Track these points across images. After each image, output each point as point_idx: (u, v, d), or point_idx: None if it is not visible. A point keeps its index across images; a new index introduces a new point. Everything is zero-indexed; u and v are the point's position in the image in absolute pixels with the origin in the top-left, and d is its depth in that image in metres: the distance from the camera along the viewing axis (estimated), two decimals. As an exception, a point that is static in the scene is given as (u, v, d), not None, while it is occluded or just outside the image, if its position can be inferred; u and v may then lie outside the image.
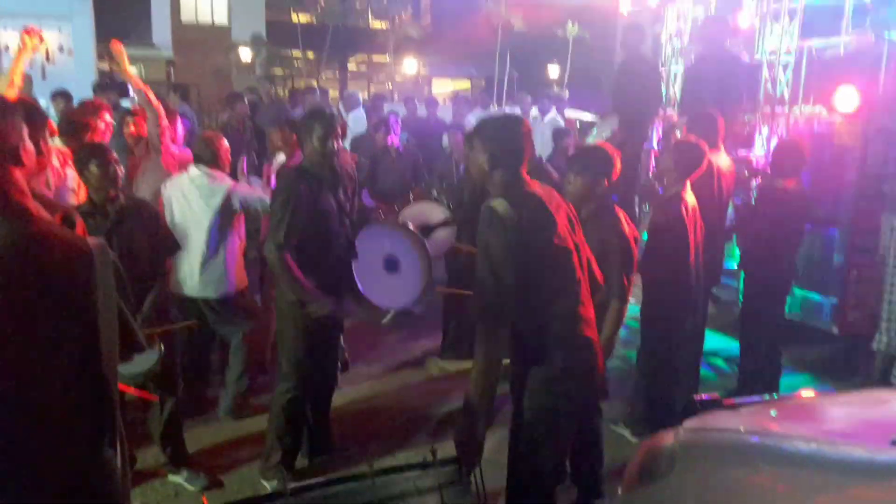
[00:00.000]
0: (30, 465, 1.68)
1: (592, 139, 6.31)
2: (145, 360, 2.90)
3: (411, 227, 4.09)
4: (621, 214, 3.39)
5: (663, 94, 7.27)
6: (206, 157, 4.06)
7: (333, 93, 17.63)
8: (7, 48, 13.37)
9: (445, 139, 9.36)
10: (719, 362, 5.50)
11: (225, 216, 4.02)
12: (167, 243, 3.53)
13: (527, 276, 2.26)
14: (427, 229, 4.91)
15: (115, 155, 3.34)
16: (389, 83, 24.19)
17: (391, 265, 3.97)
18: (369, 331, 5.53)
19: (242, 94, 8.09)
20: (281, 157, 4.88)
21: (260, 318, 4.49)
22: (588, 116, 12.67)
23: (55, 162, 3.76)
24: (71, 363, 1.70)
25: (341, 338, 4.26)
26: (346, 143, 6.91)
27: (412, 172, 6.73)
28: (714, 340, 5.41)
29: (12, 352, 1.63)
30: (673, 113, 7.24)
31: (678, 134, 5.94)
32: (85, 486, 1.76)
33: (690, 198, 3.92)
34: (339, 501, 2.11)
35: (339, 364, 4.57)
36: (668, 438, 2.20)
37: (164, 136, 4.45)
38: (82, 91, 8.20)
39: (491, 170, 2.40)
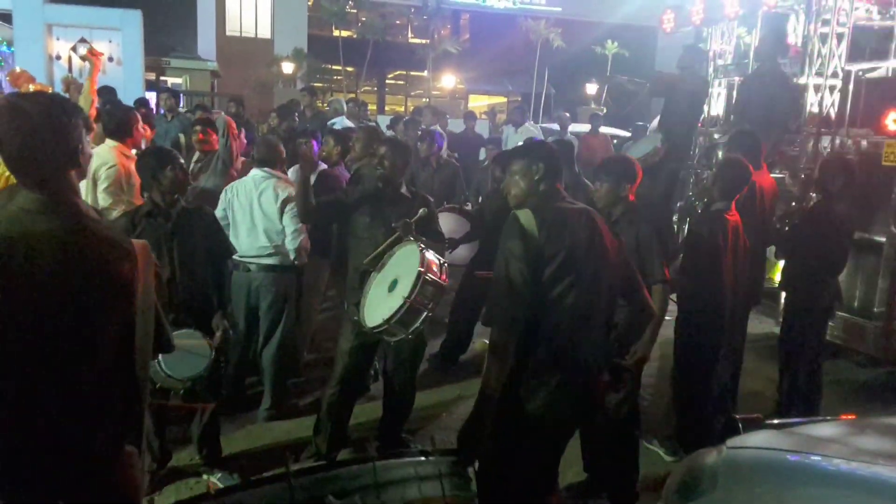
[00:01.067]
0: (54, 451, 1.73)
1: (633, 155, 6.26)
2: (197, 364, 2.96)
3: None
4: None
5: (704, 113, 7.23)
6: (271, 160, 4.23)
7: (372, 106, 17.87)
8: (59, 57, 13.86)
9: (483, 153, 9.45)
10: (758, 383, 5.40)
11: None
12: (224, 246, 3.63)
13: (541, 288, 2.30)
14: (451, 241, 4.98)
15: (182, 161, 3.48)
16: (427, 98, 24.42)
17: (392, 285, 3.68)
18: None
19: (293, 108, 8.30)
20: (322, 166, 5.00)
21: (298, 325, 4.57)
22: (625, 133, 12.66)
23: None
24: (107, 356, 1.76)
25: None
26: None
27: (450, 185, 6.77)
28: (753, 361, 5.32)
29: (53, 341, 1.69)
30: (714, 131, 7.20)
31: (719, 153, 5.90)
32: (105, 478, 1.80)
33: (733, 216, 3.89)
34: (341, 483, 2.16)
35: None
36: (710, 456, 2.18)
37: (235, 150, 4.71)
38: (129, 100, 8.47)
39: (532, 193, 2.49)
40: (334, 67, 24.24)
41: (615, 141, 12.16)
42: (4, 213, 1.73)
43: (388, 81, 27.92)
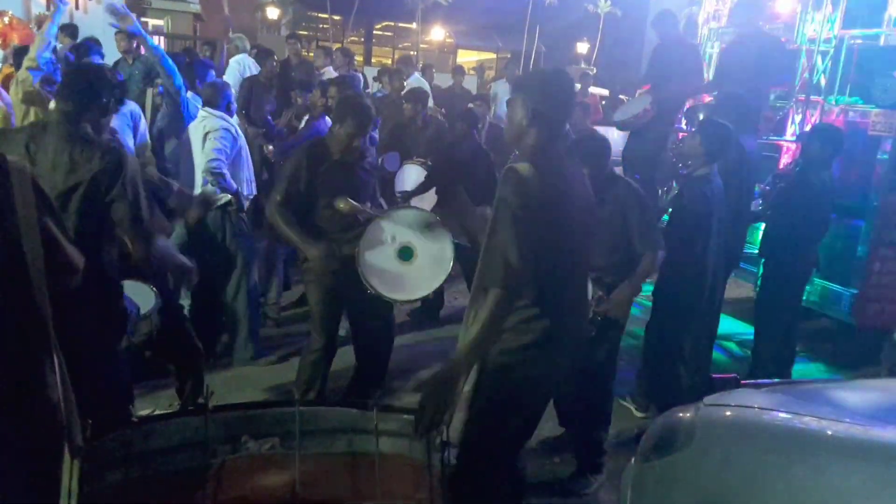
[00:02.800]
0: None
1: (621, 116, 6.22)
2: (146, 301, 2.95)
3: (414, 207, 4.01)
4: None
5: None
6: (214, 101, 4.31)
7: (359, 58, 17.54)
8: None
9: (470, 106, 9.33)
10: (732, 346, 5.51)
11: None
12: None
13: (536, 243, 2.19)
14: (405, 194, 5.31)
15: None
16: (414, 51, 24.00)
17: (405, 254, 3.66)
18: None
19: (272, 50, 8.08)
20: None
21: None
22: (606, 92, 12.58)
23: None
24: None
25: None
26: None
27: (436, 142, 6.69)
28: (728, 324, 5.42)
29: None
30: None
31: (700, 115, 5.86)
32: (24, 407, 1.72)
33: (717, 180, 3.89)
34: (263, 426, 2.11)
35: None
36: (687, 413, 2.22)
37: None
38: (109, 40, 8.20)
39: (528, 127, 2.31)
40: (320, 16, 23.66)
41: (603, 102, 12.09)
42: None
43: (375, 32, 27.35)
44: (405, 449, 2.12)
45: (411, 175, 5.76)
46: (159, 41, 8.25)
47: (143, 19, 17.25)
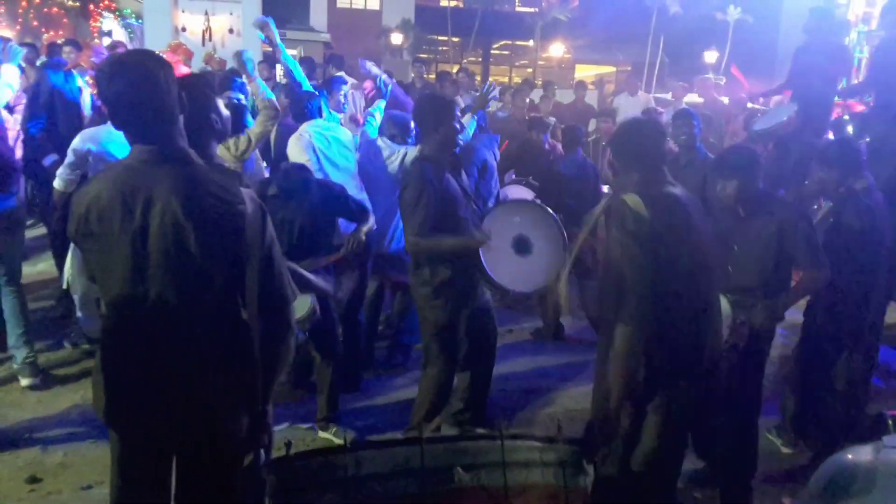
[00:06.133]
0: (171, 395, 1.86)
1: (762, 125, 5.85)
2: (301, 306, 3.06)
3: (539, 203, 3.89)
4: None
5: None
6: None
7: (477, 77, 17.77)
8: (184, 29, 14.59)
9: (592, 124, 9.16)
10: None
11: None
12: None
13: (657, 273, 2.20)
14: None
15: None
16: (531, 68, 23.99)
17: (522, 246, 3.64)
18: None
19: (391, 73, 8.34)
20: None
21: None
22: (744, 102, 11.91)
23: None
24: (215, 298, 1.85)
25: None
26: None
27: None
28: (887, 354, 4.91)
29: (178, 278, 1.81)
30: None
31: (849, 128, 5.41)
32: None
33: (877, 193, 3.56)
34: (469, 456, 2.18)
35: None
36: (865, 454, 2.00)
37: None
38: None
39: (626, 171, 2.42)
40: (440, 38, 24.22)
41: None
42: (120, 167, 1.86)
43: (492, 52, 27.61)
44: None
45: (513, 194, 5.66)
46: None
47: (277, 49, 18.41)
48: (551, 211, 3.67)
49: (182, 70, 7.80)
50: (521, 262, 3.58)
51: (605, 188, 5.97)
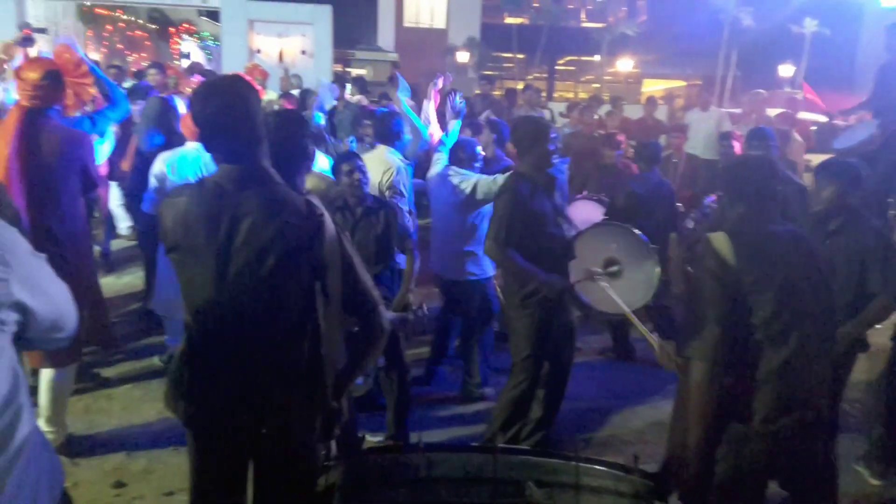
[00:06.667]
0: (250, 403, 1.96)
1: (844, 143, 5.63)
2: None
3: (637, 232, 3.91)
4: None
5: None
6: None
7: (544, 93, 17.75)
8: (259, 51, 15.16)
9: (663, 140, 8.99)
10: None
11: None
12: (398, 244, 3.79)
13: (748, 322, 2.17)
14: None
15: (362, 163, 3.67)
16: (598, 83, 23.77)
17: (611, 268, 3.78)
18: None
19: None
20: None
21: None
22: (823, 119, 11.46)
23: None
24: (293, 312, 1.95)
25: None
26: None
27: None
28: None
29: (265, 288, 1.91)
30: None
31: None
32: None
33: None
34: (542, 473, 2.16)
35: None
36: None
37: None
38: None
39: (730, 206, 2.38)
40: (505, 55, 24.29)
41: (813, 128, 11.05)
42: (209, 184, 1.96)
43: (558, 67, 27.50)
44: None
45: (582, 211, 5.58)
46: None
47: (347, 69, 18.97)
48: (646, 240, 3.75)
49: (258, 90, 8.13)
50: (609, 283, 3.69)
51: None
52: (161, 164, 4.28)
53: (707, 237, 2.27)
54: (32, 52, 5.77)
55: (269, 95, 7.14)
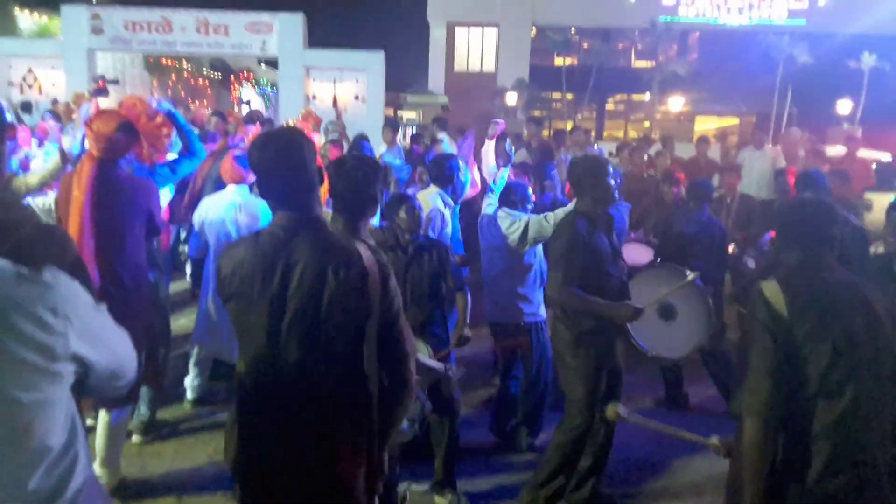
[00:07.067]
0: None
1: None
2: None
3: (691, 276, 3.85)
4: None
5: None
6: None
7: (593, 132, 17.74)
8: (314, 97, 15.63)
9: (716, 180, 8.82)
10: None
11: None
12: (450, 281, 3.80)
13: (803, 377, 2.07)
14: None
15: (417, 203, 3.73)
16: (648, 122, 23.61)
17: (666, 312, 3.78)
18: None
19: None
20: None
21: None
22: (887, 157, 11.09)
23: None
24: (343, 352, 1.97)
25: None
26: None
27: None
28: None
29: (311, 332, 1.95)
30: None
31: None
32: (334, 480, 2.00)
33: None
34: None
35: None
36: None
37: None
38: (372, 133, 9.27)
39: (783, 250, 2.32)
40: (554, 95, 24.43)
41: (875, 166, 10.68)
42: (264, 234, 2.04)
43: (607, 107, 27.47)
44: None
45: (631, 254, 5.48)
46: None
47: (399, 112, 19.40)
48: (699, 282, 3.72)
49: (312, 136, 8.38)
50: (663, 326, 3.71)
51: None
52: (201, 208, 4.45)
53: (759, 285, 2.19)
54: (104, 102, 6.06)
55: (320, 140, 7.43)
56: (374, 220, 4.12)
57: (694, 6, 21.74)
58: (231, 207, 4.39)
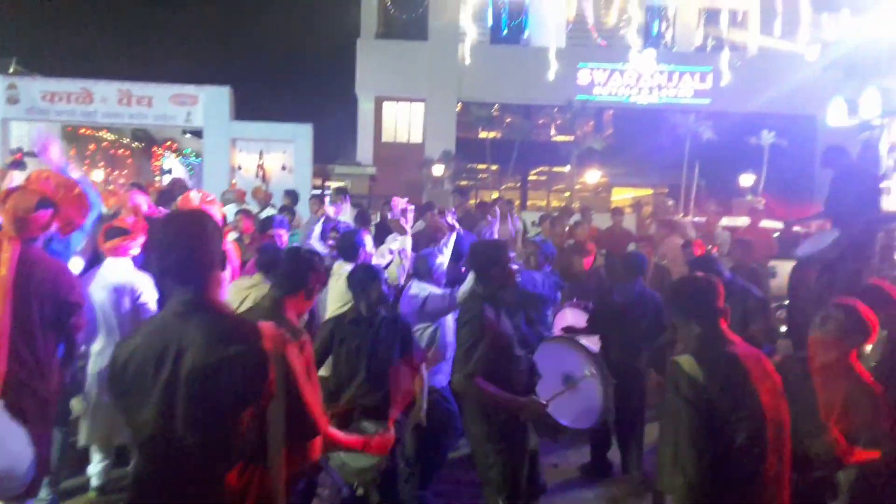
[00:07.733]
0: None
1: (807, 250, 5.86)
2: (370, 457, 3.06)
3: (588, 345, 4.04)
4: None
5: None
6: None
7: (516, 202, 18.33)
8: (240, 167, 15.55)
9: (631, 247, 9.24)
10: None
11: None
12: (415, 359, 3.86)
13: (712, 438, 2.17)
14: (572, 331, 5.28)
15: (386, 276, 3.82)
16: (569, 192, 24.55)
17: (569, 383, 3.90)
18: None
19: (433, 203, 8.70)
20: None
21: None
22: (779, 225, 11.91)
23: None
24: (239, 435, 1.93)
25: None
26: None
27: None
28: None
29: (202, 420, 1.90)
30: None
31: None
32: None
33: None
34: None
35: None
36: None
37: None
38: (300, 203, 9.28)
39: (682, 327, 2.44)
40: (479, 167, 25.17)
41: (776, 234, 11.44)
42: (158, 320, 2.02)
43: (530, 178, 28.47)
44: None
45: (570, 318, 5.78)
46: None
47: (327, 182, 19.46)
48: (591, 349, 3.83)
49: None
50: (571, 398, 3.75)
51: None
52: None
53: (675, 360, 2.29)
54: (19, 177, 5.83)
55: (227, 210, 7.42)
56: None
57: (607, 87, 23.11)
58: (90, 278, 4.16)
